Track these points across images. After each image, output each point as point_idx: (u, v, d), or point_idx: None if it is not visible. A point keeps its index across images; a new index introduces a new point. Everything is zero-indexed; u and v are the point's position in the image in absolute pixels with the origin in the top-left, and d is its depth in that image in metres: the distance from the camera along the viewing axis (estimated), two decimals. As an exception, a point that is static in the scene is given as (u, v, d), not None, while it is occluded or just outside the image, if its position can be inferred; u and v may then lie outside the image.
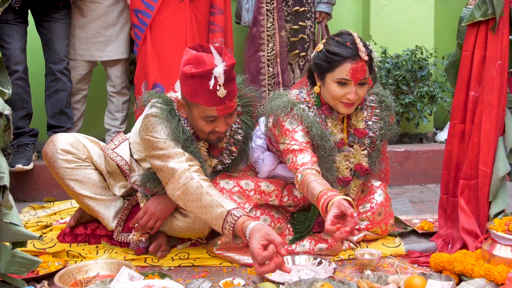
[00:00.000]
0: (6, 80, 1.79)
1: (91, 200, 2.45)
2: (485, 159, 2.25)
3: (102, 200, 2.47)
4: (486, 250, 2.05)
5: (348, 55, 2.22)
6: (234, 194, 2.32)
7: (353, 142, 2.43)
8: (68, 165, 2.41)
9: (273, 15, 3.65)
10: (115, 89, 3.73)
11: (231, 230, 2.02)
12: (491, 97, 2.24)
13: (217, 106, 2.15)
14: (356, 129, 2.41)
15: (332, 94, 2.28)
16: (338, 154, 2.38)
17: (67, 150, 2.42)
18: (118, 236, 2.45)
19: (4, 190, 1.78)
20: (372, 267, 2.18)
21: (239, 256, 2.32)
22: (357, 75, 2.23)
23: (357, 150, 2.43)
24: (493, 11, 2.20)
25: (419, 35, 4.12)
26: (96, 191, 2.46)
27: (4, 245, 1.88)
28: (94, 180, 2.46)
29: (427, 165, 3.65)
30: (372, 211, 2.49)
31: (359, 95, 2.28)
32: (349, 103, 2.28)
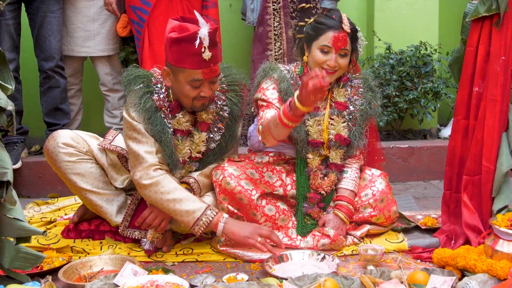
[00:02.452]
0: (8, 76, 1.80)
1: (93, 195, 2.45)
2: (488, 155, 2.25)
3: (105, 194, 2.47)
4: (489, 246, 2.04)
5: (332, 25, 2.41)
6: (242, 180, 2.35)
7: (333, 114, 2.51)
8: (70, 158, 2.41)
9: (280, 14, 3.64)
10: (106, 87, 3.72)
11: (206, 223, 2.20)
12: (495, 93, 2.23)
13: (202, 69, 2.21)
14: (337, 102, 2.52)
15: (315, 59, 2.44)
16: (309, 117, 2.47)
17: (68, 144, 2.43)
18: (124, 231, 2.44)
19: (8, 185, 1.79)
20: (375, 263, 2.18)
21: (243, 252, 2.33)
22: (338, 43, 2.40)
23: (337, 121, 2.50)
24: (498, 6, 2.19)
25: (423, 31, 4.11)
26: (98, 185, 2.47)
27: (8, 241, 1.89)
28: (96, 174, 2.47)
29: (430, 161, 3.64)
30: (374, 198, 2.49)
31: (339, 63, 2.42)
32: (329, 70, 2.41)
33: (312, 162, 2.50)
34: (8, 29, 3.26)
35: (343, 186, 2.52)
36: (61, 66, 3.48)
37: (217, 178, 2.37)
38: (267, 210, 2.38)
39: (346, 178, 2.53)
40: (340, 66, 2.44)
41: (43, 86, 3.50)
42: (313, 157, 2.50)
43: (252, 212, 2.36)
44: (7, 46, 3.25)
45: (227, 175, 2.34)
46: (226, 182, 2.33)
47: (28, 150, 3.56)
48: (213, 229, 2.23)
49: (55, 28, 3.40)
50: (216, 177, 2.37)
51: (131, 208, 2.48)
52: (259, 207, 2.36)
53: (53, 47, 3.40)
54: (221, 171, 2.36)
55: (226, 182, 2.33)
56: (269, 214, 2.38)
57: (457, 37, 2.52)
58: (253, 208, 2.36)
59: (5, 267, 1.91)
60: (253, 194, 2.35)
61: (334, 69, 2.43)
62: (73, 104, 3.68)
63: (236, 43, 4.25)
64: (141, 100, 2.29)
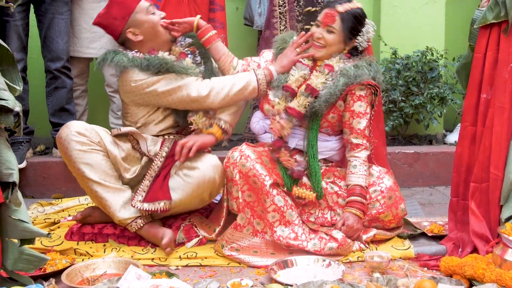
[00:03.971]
0: (17, 77, 1.79)
1: (99, 186, 2.43)
2: (496, 162, 2.23)
3: (111, 187, 2.45)
4: (498, 255, 2.02)
5: (330, 4, 2.58)
6: (257, 164, 2.38)
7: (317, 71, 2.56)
8: (81, 147, 2.41)
9: (286, 18, 3.63)
10: (112, 88, 3.71)
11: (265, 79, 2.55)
12: (503, 100, 2.22)
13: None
14: (327, 64, 2.57)
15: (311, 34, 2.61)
16: (295, 68, 2.59)
17: (81, 133, 2.43)
18: (136, 203, 2.40)
19: (13, 187, 1.78)
20: (382, 270, 2.16)
21: (248, 258, 2.32)
22: (326, 19, 2.55)
23: (317, 75, 2.54)
24: (506, 13, 2.18)
25: (430, 36, 4.09)
26: (106, 178, 2.44)
27: (12, 242, 1.88)
28: (105, 167, 2.45)
29: (436, 167, 3.62)
30: (382, 195, 2.48)
31: (325, 38, 2.55)
32: (316, 43, 2.57)
33: (277, 106, 2.54)
34: (17, 29, 3.26)
35: (353, 182, 2.50)
36: (68, 67, 3.48)
37: (234, 159, 2.40)
38: (277, 200, 2.38)
39: (356, 173, 2.51)
40: (327, 42, 2.55)
41: (49, 87, 3.49)
42: (279, 102, 2.54)
43: (263, 197, 2.36)
44: (15, 47, 3.25)
45: (244, 156, 2.38)
46: (242, 163, 2.37)
47: (33, 150, 3.56)
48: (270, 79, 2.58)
49: (63, 29, 3.40)
50: (234, 158, 2.40)
51: (146, 184, 2.46)
52: (270, 194, 2.36)
53: (61, 48, 3.40)
54: (239, 153, 2.40)
55: (242, 163, 2.37)
56: (278, 204, 2.38)
57: (464, 43, 2.51)
58: (265, 194, 2.36)
59: (8, 268, 1.90)
60: (266, 180, 2.36)
61: (320, 43, 2.56)
62: (78, 105, 3.67)
63: (242, 46, 4.24)
64: (131, 63, 2.48)
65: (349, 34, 2.55)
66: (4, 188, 1.78)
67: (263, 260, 2.30)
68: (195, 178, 2.42)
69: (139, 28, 2.54)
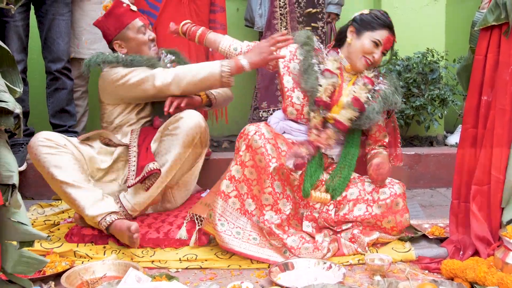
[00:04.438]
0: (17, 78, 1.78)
1: (69, 187, 2.46)
2: (497, 165, 2.22)
3: (81, 187, 2.48)
4: (499, 258, 2.02)
5: (390, 26, 2.61)
6: (269, 144, 2.37)
7: (358, 83, 2.60)
8: (49, 150, 2.47)
9: (287, 19, 3.63)
10: None
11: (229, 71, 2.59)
12: (504, 102, 2.21)
13: (138, 17, 2.75)
14: (366, 76, 2.62)
15: (363, 48, 2.59)
16: (323, 77, 2.58)
17: (48, 138, 2.50)
18: (130, 182, 2.51)
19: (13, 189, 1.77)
20: (382, 273, 2.16)
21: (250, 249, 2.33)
22: (387, 44, 2.61)
23: (360, 88, 2.58)
24: (506, 15, 2.17)
25: (430, 37, 4.09)
26: (75, 178, 2.48)
27: (11, 245, 1.87)
28: (74, 168, 2.51)
29: (437, 168, 3.62)
30: (391, 199, 2.47)
31: (377, 60, 2.61)
32: (369, 62, 2.60)
33: (313, 120, 2.55)
34: (17, 30, 3.26)
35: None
36: (68, 68, 3.47)
37: (247, 133, 2.39)
38: (276, 185, 2.38)
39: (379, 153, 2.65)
40: (376, 61, 2.61)
41: (49, 88, 3.49)
42: (314, 115, 2.55)
43: (264, 177, 2.36)
44: (16, 47, 3.24)
45: (259, 133, 2.37)
46: (254, 139, 2.36)
47: None
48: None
49: (64, 30, 3.40)
50: (248, 131, 2.40)
51: (132, 169, 2.55)
52: (271, 177, 2.36)
53: (61, 49, 3.40)
54: (255, 128, 2.39)
55: (254, 139, 2.36)
56: (276, 189, 2.38)
57: (464, 44, 2.50)
58: (266, 174, 2.35)
59: (8, 271, 1.89)
60: (272, 161, 2.35)
61: (371, 61, 2.60)
62: (79, 106, 3.67)
63: (242, 48, 4.24)
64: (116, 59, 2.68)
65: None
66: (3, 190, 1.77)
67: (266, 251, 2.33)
68: (182, 126, 2.54)
69: (125, 42, 2.75)
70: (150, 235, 2.53)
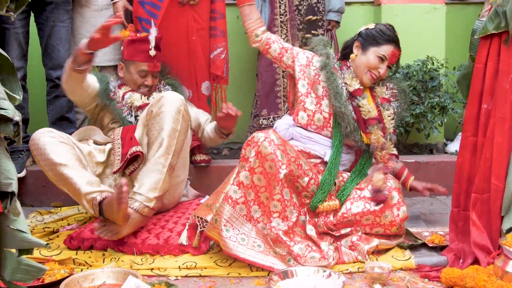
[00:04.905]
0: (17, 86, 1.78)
1: (68, 169, 2.51)
2: (497, 173, 2.22)
3: (77, 169, 2.53)
4: (499, 267, 2.01)
5: (395, 40, 2.68)
6: (279, 150, 2.37)
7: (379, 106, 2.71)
8: (51, 139, 2.56)
9: (287, 27, 3.64)
10: None
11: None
12: (504, 110, 2.21)
13: (149, 63, 2.93)
14: (383, 97, 2.72)
15: (369, 63, 2.66)
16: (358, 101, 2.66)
17: (51, 130, 2.62)
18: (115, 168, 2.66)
19: (12, 196, 1.77)
20: (382, 281, 2.15)
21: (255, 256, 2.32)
22: (393, 58, 2.67)
23: (389, 115, 2.71)
24: (506, 24, 2.18)
25: (430, 45, 4.09)
26: (73, 162, 2.54)
27: (10, 252, 1.87)
28: (73, 156, 2.57)
29: (437, 176, 3.60)
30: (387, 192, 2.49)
31: (383, 74, 2.67)
32: (374, 76, 2.67)
33: (381, 140, 2.66)
34: (17, 37, 3.26)
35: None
36: None
37: (257, 140, 2.38)
38: (285, 192, 2.39)
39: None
40: (381, 76, 2.68)
41: (50, 95, 3.49)
42: (376, 137, 2.65)
43: (273, 184, 2.35)
44: (16, 54, 3.25)
45: (268, 140, 2.37)
46: (264, 146, 2.36)
47: (32, 159, 3.54)
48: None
49: (64, 37, 3.40)
50: (257, 138, 2.39)
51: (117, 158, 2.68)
52: (281, 183, 2.36)
53: (62, 56, 3.39)
54: (264, 135, 2.39)
55: (264, 146, 2.36)
56: (284, 197, 2.38)
57: (464, 52, 2.51)
58: (276, 181, 2.35)
59: (6, 279, 1.88)
60: (282, 168, 2.35)
61: (377, 76, 2.67)
62: (79, 113, 3.67)
63: (243, 55, 4.25)
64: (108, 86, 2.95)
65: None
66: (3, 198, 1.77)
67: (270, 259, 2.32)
68: (166, 103, 2.62)
69: (125, 70, 2.99)
70: (150, 241, 2.52)
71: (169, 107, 2.62)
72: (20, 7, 1.70)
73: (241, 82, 4.24)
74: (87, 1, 3.46)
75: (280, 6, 3.64)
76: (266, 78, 3.68)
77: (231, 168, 3.29)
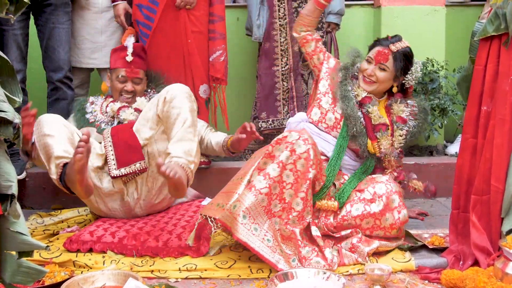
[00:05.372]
0: (16, 88, 1.78)
1: (51, 138, 2.54)
2: (497, 175, 2.22)
3: (61, 140, 2.55)
4: (499, 268, 2.01)
5: (382, 42, 2.73)
6: (312, 150, 2.40)
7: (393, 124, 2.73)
8: (53, 119, 2.62)
9: (286, 30, 3.63)
10: None
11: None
12: (504, 112, 2.21)
13: (125, 68, 3.00)
14: (399, 116, 2.74)
15: (361, 68, 2.74)
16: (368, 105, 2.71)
17: (58, 116, 2.68)
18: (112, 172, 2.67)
19: (12, 199, 1.77)
20: (382, 283, 2.15)
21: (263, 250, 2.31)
22: (379, 57, 2.69)
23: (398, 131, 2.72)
24: (506, 26, 2.18)
25: (430, 47, 4.09)
26: (60, 134, 2.56)
27: (10, 255, 1.87)
28: (64, 132, 2.59)
29: (437, 178, 3.60)
30: (386, 195, 2.49)
31: (376, 75, 2.69)
32: (366, 79, 2.71)
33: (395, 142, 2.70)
34: (16, 39, 3.26)
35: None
36: (70, 77, 3.47)
37: (291, 139, 2.40)
38: (309, 192, 2.41)
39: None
40: (378, 79, 2.69)
41: (50, 98, 3.49)
42: (385, 141, 2.67)
43: (302, 182, 2.37)
44: (15, 57, 3.24)
45: (303, 139, 2.39)
46: (298, 144, 2.38)
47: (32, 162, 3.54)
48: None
49: (64, 39, 3.39)
50: (291, 138, 2.41)
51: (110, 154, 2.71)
52: (309, 182, 2.39)
53: (62, 58, 3.39)
54: (299, 134, 2.42)
55: (298, 144, 2.38)
56: (307, 197, 2.40)
57: (464, 54, 2.51)
58: (305, 179, 2.37)
59: (6, 281, 1.88)
60: (312, 168, 2.39)
61: (371, 79, 2.70)
62: None
63: (242, 57, 4.25)
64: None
65: (399, 72, 2.71)
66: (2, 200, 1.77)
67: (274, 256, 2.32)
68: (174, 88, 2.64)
69: (111, 78, 3.07)
70: (149, 243, 2.52)
71: (180, 91, 2.62)
72: (19, 9, 1.70)
73: (241, 84, 4.24)
74: (87, 3, 3.46)
75: (279, 10, 3.63)
76: (265, 81, 3.67)
77: (231, 169, 3.31)
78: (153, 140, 2.71)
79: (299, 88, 3.68)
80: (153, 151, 2.72)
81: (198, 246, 2.49)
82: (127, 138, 2.72)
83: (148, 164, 2.72)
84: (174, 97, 2.60)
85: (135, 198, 2.78)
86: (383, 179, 2.57)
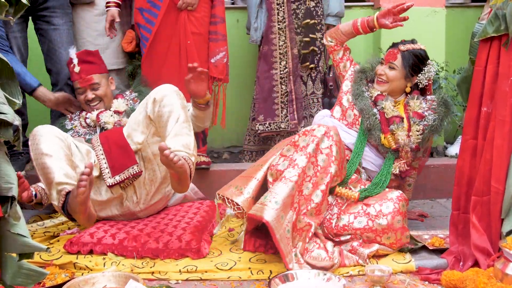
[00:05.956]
0: (16, 90, 1.78)
1: (49, 158, 2.50)
2: (497, 176, 2.22)
3: (60, 161, 2.51)
4: (499, 269, 2.01)
5: (394, 44, 2.86)
6: (335, 147, 2.48)
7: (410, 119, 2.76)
8: (49, 132, 2.57)
9: (285, 33, 3.62)
10: None
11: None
12: (504, 113, 2.21)
13: (77, 80, 3.01)
14: (415, 112, 2.78)
15: (375, 71, 2.86)
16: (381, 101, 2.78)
17: (53, 127, 2.65)
18: (107, 181, 2.68)
19: (13, 201, 1.77)
20: (383, 284, 2.15)
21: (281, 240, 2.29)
22: (388, 56, 2.80)
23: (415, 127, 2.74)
24: (506, 27, 2.18)
25: (430, 48, 4.03)
26: (58, 153, 2.53)
27: (11, 256, 1.87)
28: (62, 149, 2.56)
29: (437, 179, 3.61)
30: (391, 215, 2.47)
31: (386, 74, 2.79)
32: (378, 79, 2.82)
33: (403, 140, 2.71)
34: (16, 42, 3.27)
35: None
36: None
37: (318, 133, 2.47)
38: (328, 187, 2.46)
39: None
40: (388, 77, 2.79)
41: None
42: (400, 134, 2.70)
43: (322, 175, 2.43)
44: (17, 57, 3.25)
45: (328, 134, 2.47)
46: (322, 139, 2.46)
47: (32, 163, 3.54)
48: None
49: (65, 40, 3.39)
50: (319, 132, 2.47)
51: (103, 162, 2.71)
52: (330, 176, 2.44)
53: (64, 59, 3.38)
54: (326, 130, 2.49)
55: (322, 139, 2.46)
56: (326, 192, 2.45)
57: (464, 55, 2.51)
58: (326, 173, 2.43)
59: (7, 283, 1.88)
60: (334, 163, 2.45)
61: (383, 79, 2.80)
62: None
63: (243, 58, 4.25)
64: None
65: (409, 71, 2.78)
66: (3, 202, 1.78)
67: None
68: (162, 88, 2.63)
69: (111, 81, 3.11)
70: (150, 245, 2.52)
71: (168, 90, 2.61)
72: (19, 11, 1.70)
73: (240, 85, 4.25)
74: (89, 5, 3.47)
75: (278, 13, 3.61)
76: (264, 84, 3.65)
77: (231, 171, 3.31)
78: (146, 144, 2.71)
79: (298, 90, 3.67)
80: (147, 155, 2.72)
81: (199, 248, 2.49)
82: (117, 142, 2.72)
83: (144, 168, 2.72)
84: (163, 96, 2.60)
85: (135, 202, 2.78)
86: (393, 196, 2.54)
